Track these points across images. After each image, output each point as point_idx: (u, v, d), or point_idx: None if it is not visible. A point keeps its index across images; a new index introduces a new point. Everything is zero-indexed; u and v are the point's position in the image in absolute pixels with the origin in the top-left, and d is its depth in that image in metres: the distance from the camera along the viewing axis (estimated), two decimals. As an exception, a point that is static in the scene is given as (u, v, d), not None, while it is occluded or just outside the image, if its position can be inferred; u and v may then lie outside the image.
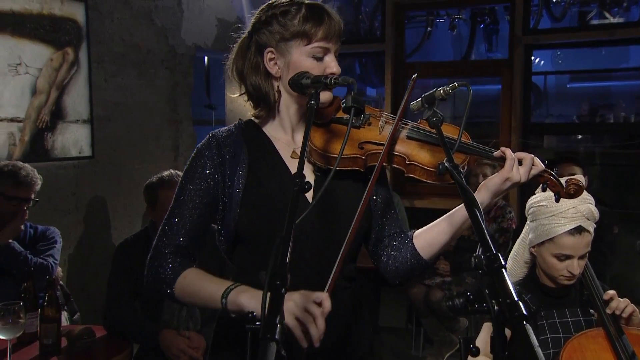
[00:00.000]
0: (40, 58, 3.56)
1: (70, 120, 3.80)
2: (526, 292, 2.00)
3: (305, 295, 1.22)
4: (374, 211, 1.55)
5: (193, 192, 1.44)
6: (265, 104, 1.47)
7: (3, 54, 3.35)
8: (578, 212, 1.93)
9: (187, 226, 1.43)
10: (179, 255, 1.43)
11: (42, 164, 3.59)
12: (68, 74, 3.76)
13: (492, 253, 0.91)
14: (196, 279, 1.39)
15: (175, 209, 1.45)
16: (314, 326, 1.18)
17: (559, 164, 3.93)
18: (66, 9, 3.72)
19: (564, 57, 6.62)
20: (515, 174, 1.40)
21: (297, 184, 1.10)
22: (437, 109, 1.33)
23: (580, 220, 1.93)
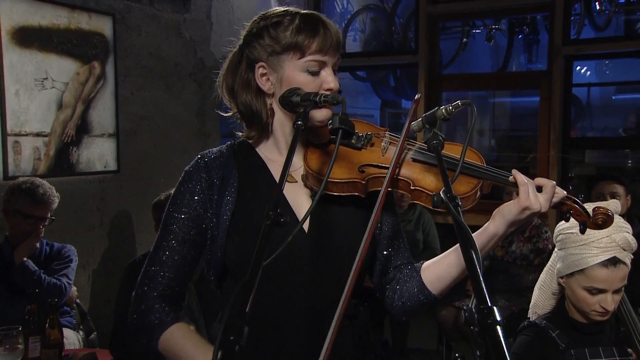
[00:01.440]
0: (67, 72, 3.58)
1: (96, 134, 3.80)
2: (554, 327, 1.83)
3: None
4: (378, 240, 1.43)
5: (182, 223, 1.34)
6: (257, 123, 1.36)
7: (30, 69, 3.37)
8: (613, 241, 1.75)
9: (175, 259, 1.34)
10: (167, 298, 1.34)
11: (67, 178, 3.60)
12: (94, 87, 3.76)
13: (486, 306, 0.78)
14: (182, 340, 1.30)
15: (162, 241, 1.35)
16: None
17: (599, 181, 3.71)
18: (94, 23, 3.73)
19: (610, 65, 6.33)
20: (534, 201, 1.25)
21: (270, 217, 0.98)
22: (438, 131, 1.19)
23: (616, 250, 1.75)
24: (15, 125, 3.28)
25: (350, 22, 6.00)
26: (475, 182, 1.31)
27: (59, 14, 3.50)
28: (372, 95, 6.90)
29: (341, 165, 1.33)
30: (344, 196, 1.33)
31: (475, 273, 0.84)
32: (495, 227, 1.29)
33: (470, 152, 1.35)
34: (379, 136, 1.38)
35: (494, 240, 1.31)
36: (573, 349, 1.78)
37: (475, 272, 0.84)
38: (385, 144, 1.37)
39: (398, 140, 1.33)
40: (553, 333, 1.82)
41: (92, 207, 3.78)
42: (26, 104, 3.36)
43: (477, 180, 1.31)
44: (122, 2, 3.88)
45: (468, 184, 1.30)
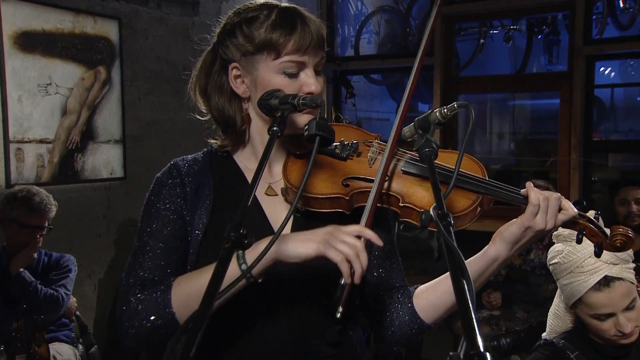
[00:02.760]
0: (72, 77, 3.51)
1: (102, 140, 3.73)
2: (573, 348, 1.68)
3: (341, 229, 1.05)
4: (370, 261, 1.29)
5: (162, 227, 1.21)
6: (232, 129, 1.25)
7: (33, 74, 3.31)
8: (597, 261, 1.58)
9: (158, 263, 1.20)
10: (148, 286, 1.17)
11: (71, 186, 3.54)
12: (100, 93, 3.70)
13: (477, 352, 0.65)
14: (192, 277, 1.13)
15: (137, 257, 1.21)
16: (357, 260, 0.99)
17: (622, 186, 3.54)
18: (99, 27, 3.66)
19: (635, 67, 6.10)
20: (539, 221, 1.11)
21: (229, 239, 0.86)
22: (431, 137, 1.06)
23: (604, 269, 1.58)
24: (18, 132, 3.22)
25: (364, 24, 5.87)
26: (474, 197, 1.17)
27: (63, 19, 3.44)
28: (388, 99, 6.75)
29: (323, 178, 1.20)
30: (328, 213, 1.20)
31: (466, 309, 0.71)
32: (496, 250, 1.16)
33: (470, 162, 1.22)
34: (367, 144, 1.25)
35: (495, 265, 1.17)
36: (593, 372, 1.64)
37: (465, 308, 0.71)
38: (373, 154, 1.23)
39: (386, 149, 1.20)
40: (572, 354, 1.67)
41: (98, 215, 3.71)
42: (29, 110, 3.30)
43: (476, 195, 1.17)
44: (129, 5, 3.81)
45: (466, 200, 1.16)
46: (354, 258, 0.99)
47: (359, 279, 1.00)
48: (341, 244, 1.01)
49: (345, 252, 1.00)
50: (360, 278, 1.00)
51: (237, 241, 0.86)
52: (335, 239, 1.02)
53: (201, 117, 1.32)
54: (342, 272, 1.00)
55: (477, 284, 1.19)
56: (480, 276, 1.18)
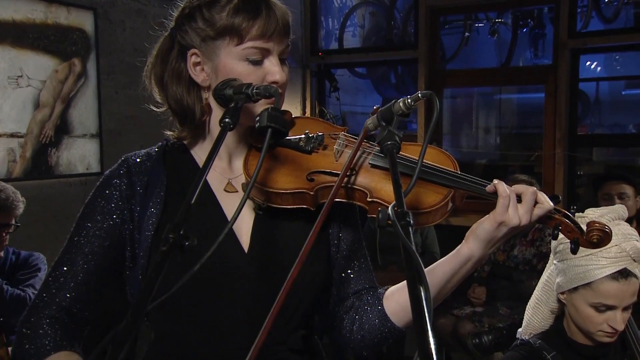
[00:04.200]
0: (44, 70, 3.41)
1: (77, 134, 3.64)
2: (549, 349, 1.63)
3: None
4: (335, 260, 1.23)
5: (91, 232, 1.13)
6: (191, 121, 1.17)
7: (3, 66, 3.21)
8: (623, 250, 1.54)
9: (78, 278, 1.12)
10: (58, 323, 1.11)
11: (46, 181, 3.45)
12: (75, 86, 3.60)
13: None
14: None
15: (66, 254, 1.14)
16: None
17: (606, 181, 3.51)
18: (73, 18, 3.56)
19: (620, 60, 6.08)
20: (512, 216, 1.05)
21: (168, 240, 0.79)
22: (394, 129, 0.99)
23: (626, 261, 1.54)
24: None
25: (348, 16, 5.80)
26: (445, 192, 1.10)
27: (34, 8, 3.34)
28: (373, 93, 6.67)
29: (286, 172, 1.13)
30: (292, 209, 1.13)
31: (421, 319, 0.64)
32: (470, 249, 1.10)
33: (441, 154, 1.15)
34: (333, 137, 1.18)
35: (469, 265, 1.11)
36: (572, 374, 1.59)
37: (420, 318, 0.64)
38: (339, 147, 1.16)
39: (354, 142, 1.13)
40: (548, 355, 1.61)
41: (74, 211, 3.56)
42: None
43: (447, 189, 1.10)
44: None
45: (436, 195, 1.09)
46: None
47: None
48: None
49: None
50: None
51: (175, 243, 0.79)
52: None
53: (157, 108, 1.24)
54: None
55: (450, 285, 1.13)
56: (453, 277, 1.12)
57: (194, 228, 1.01)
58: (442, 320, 3.68)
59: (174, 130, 1.21)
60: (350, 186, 1.12)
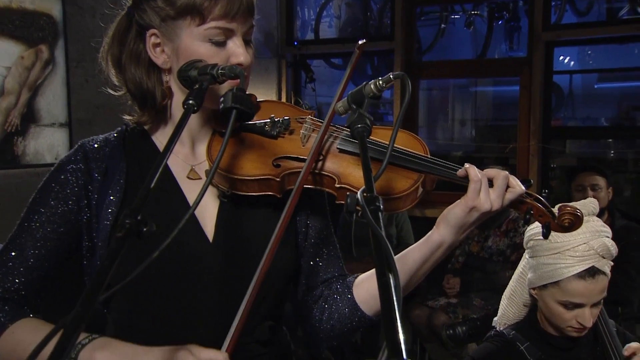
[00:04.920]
0: (8, 56, 3.30)
1: (45, 123, 3.53)
2: (523, 340, 1.62)
3: (195, 354, 0.90)
4: (303, 248, 1.20)
5: (44, 218, 1.08)
6: (151, 105, 1.12)
7: (-35, 52, 3.10)
8: (591, 248, 1.53)
9: (29, 263, 1.07)
10: (8, 302, 1.07)
11: (11, 171, 3.35)
12: (42, 73, 3.49)
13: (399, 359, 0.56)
14: (30, 334, 1.01)
15: (15, 239, 1.09)
16: None
17: (579, 172, 3.53)
18: (39, 2, 3.45)
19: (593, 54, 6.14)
20: (483, 201, 1.03)
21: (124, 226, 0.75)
22: (365, 112, 0.96)
23: (594, 259, 1.53)
24: (-51, 114, 3.02)
25: (324, 7, 5.76)
26: (415, 176, 1.07)
27: (-2, -8, 3.23)
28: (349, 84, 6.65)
29: (251, 158, 1.09)
30: (257, 196, 1.09)
31: (390, 308, 0.61)
32: (441, 235, 1.08)
33: (411, 139, 1.13)
34: (299, 121, 1.14)
35: (440, 251, 1.09)
36: (544, 364, 1.58)
37: (389, 307, 0.61)
38: (306, 131, 1.12)
39: (321, 126, 1.09)
40: (522, 346, 1.61)
41: (41, 201, 3.53)
42: (-39, 91, 3.09)
43: (418, 174, 1.07)
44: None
45: (407, 180, 1.07)
46: None
47: None
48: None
49: None
50: None
51: (132, 229, 0.74)
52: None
53: (114, 92, 1.18)
54: None
55: (421, 272, 1.11)
56: (424, 263, 1.10)
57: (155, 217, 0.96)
58: (416, 311, 3.68)
59: (133, 114, 1.16)
60: (317, 172, 1.08)
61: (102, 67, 1.17)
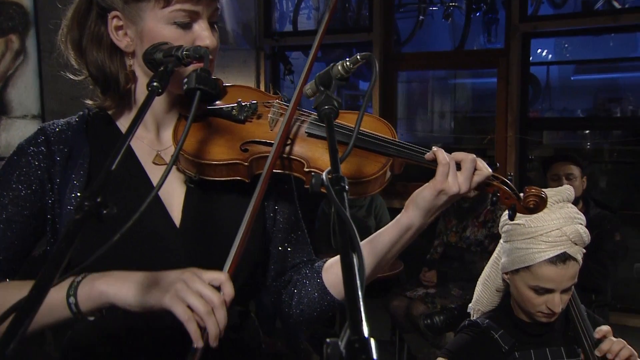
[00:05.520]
0: (-22, 46, 3.23)
1: (17, 115, 3.46)
2: (497, 328, 1.62)
3: (199, 276, 0.89)
4: (272, 234, 1.18)
5: (7, 200, 1.06)
6: (114, 89, 1.09)
7: None
8: (563, 234, 1.53)
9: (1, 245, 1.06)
10: None
11: (-18, 163, 3.28)
12: (13, 64, 3.42)
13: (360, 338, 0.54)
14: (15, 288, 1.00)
15: None
16: (212, 319, 0.86)
17: (554, 162, 3.57)
18: (9, -8, 3.38)
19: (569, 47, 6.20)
20: (451, 183, 1.03)
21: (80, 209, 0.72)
22: (332, 94, 0.95)
23: (566, 245, 1.54)
24: None
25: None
26: (383, 160, 1.07)
27: (-35, -19, 3.15)
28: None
29: (219, 143, 1.08)
30: (225, 181, 1.07)
31: (353, 287, 0.60)
32: (409, 218, 1.07)
33: (379, 123, 1.12)
34: (267, 105, 1.12)
35: (408, 234, 1.08)
36: (518, 351, 1.58)
37: (352, 286, 0.60)
38: (274, 115, 1.11)
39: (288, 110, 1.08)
40: (496, 334, 1.61)
41: (13, 195, 3.46)
42: None
43: (386, 158, 1.07)
44: (44, -31, 3.54)
45: (375, 163, 1.06)
46: (207, 316, 0.86)
47: (215, 341, 0.87)
48: (192, 296, 0.87)
49: (196, 307, 0.87)
50: (217, 340, 0.87)
51: (90, 212, 0.72)
52: (186, 291, 0.88)
53: (75, 77, 1.15)
54: (189, 333, 0.87)
55: (390, 255, 1.11)
56: (393, 246, 1.09)
57: (121, 202, 0.94)
58: (395, 302, 3.69)
59: (95, 99, 1.13)
60: (286, 156, 1.07)
61: (61, 50, 1.13)
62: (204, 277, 0.89)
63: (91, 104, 1.14)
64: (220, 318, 0.87)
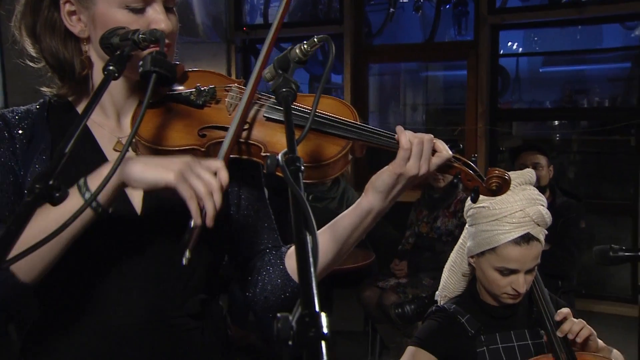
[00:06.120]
0: (-63, 39, 3.14)
1: (-21, 109, 3.38)
2: (464, 312, 1.64)
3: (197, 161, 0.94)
4: (236, 220, 1.18)
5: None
6: (70, 76, 1.07)
7: None
8: (526, 216, 1.56)
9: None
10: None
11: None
12: (-26, 57, 3.34)
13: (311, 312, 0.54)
14: None
15: None
16: (210, 200, 0.90)
17: (521, 152, 3.63)
18: (-30, -17, 3.29)
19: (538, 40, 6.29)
20: (411, 166, 1.03)
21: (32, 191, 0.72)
22: (290, 77, 0.95)
23: (529, 226, 1.57)
24: None
25: (273, -9, 5.70)
26: (344, 143, 1.07)
27: None
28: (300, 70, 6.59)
29: (177, 128, 1.06)
30: None
31: (305, 263, 0.60)
32: (369, 202, 1.07)
33: (341, 105, 1.12)
34: (226, 90, 1.11)
35: (369, 218, 1.08)
36: (484, 334, 1.61)
37: (304, 262, 0.60)
38: (232, 100, 1.10)
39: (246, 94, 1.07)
40: (462, 318, 1.63)
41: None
42: None
43: (346, 141, 1.07)
44: (5, -41, 3.46)
45: (335, 146, 1.06)
46: (207, 196, 0.90)
47: (211, 221, 0.91)
48: (195, 178, 0.91)
49: (197, 188, 0.90)
50: (213, 220, 0.91)
51: (41, 194, 0.71)
52: (190, 172, 0.91)
53: (33, 64, 1.13)
54: (190, 210, 0.90)
55: (351, 239, 1.11)
56: (354, 231, 1.09)
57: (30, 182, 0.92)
58: (367, 292, 3.71)
59: (52, 86, 1.11)
60: (243, 141, 1.06)
61: (16, 37, 1.11)
62: (205, 163, 0.94)
63: (49, 91, 1.12)
64: (217, 200, 0.91)
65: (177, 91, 1.09)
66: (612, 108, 5.45)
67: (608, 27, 5.40)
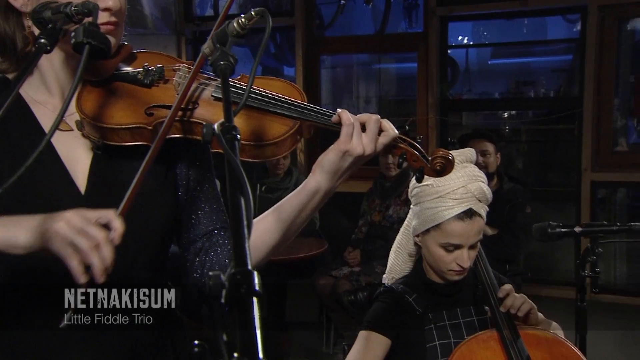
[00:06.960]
0: None
1: None
2: (411, 292, 1.68)
3: (83, 215, 0.87)
4: (185, 201, 1.17)
5: None
6: (11, 52, 1.05)
7: None
8: (468, 192, 1.62)
9: None
10: None
11: None
12: None
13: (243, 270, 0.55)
14: None
15: None
16: (95, 255, 0.83)
17: (470, 139, 3.71)
18: None
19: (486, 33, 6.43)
20: (355, 144, 1.05)
21: None
22: (228, 50, 0.95)
23: (471, 202, 1.62)
24: None
25: (223, -18, 5.64)
26: (291, 123, 1.08)
27: None
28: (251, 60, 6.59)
29: (123, 107, 1.06)
30: (132, 147, 1.06)
31: (239, 224, 0.61)
32: (316, 182, 1.08)
33: (289, 88, 1.13)
34: (174, 69, 1.11)
35: (317, 198, 1.09)
36: (431, 312, 1.64)
37: (237, 224, 0.61)
38: (180, 79, 1.10)
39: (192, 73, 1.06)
40: (410, 298, 1.67)
41: None
42: None
43: (292, 121, 1.08)
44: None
45: (282, 126, 1.07)
46: (90, 252, 0.84)
47: (101, 277, 0.84)
48: (75, 234, 0.84)
49: (78, 245, 0.84)
50: (104, 276, 0.84)
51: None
52: (68, 229, 0.85)
53: None
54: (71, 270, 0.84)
55: (299, 220, 1.11)
56: (302, 211, 1.10)
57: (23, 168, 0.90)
58: (321, 281, 3.73)
59: None
60: (188, 120, 1.06)
61: None
62: (89, 215, 0.87)
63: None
64: (106, 254, 0.84)
65: (124, 71, 1.08)
66: (556, 98, 5.63)
67: (552, 20, 5.57)
